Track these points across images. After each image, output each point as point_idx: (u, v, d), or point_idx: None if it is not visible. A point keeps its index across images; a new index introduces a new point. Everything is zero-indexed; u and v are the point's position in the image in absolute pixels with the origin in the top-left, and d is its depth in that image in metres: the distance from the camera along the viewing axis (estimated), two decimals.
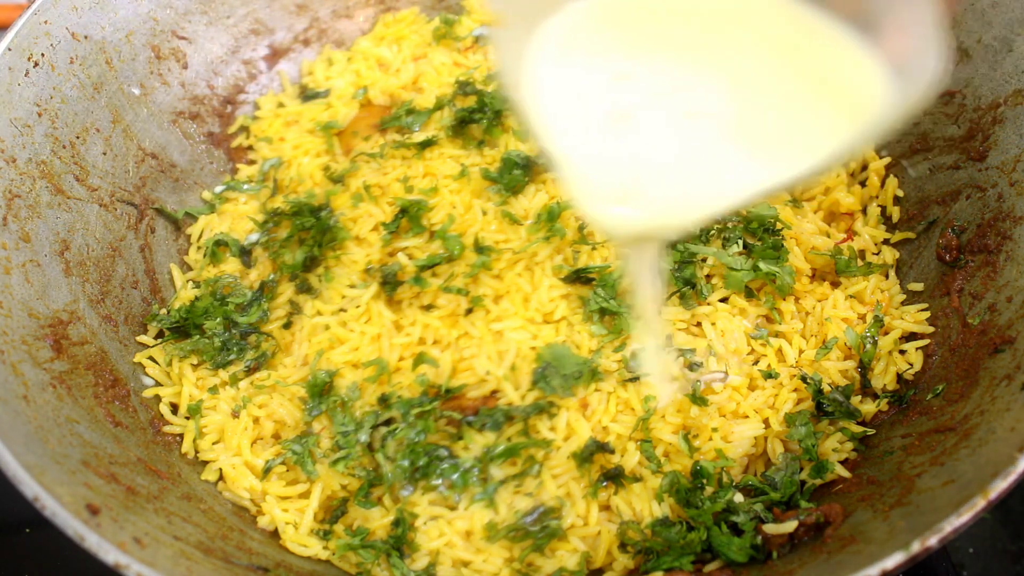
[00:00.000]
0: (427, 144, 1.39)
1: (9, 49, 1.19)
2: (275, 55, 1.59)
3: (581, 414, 1.11)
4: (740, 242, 1.20)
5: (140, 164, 1.37)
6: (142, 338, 1.26)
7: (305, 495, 1.12)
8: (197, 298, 1.28)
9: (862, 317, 1.20)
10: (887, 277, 1.27)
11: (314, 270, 1.29)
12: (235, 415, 1.18)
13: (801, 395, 1.13)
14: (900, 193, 1.33)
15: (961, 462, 0.91)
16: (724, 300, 1.19)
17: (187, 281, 1.34)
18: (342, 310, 1.24)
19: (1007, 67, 1.19)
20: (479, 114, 1.39)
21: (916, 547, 0.79)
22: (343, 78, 1.54)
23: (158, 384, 1.22)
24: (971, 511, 0.80)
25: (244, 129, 1.52)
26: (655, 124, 0.79)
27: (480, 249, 1.23)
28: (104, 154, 1.31)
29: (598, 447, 1.08)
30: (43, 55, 1.23)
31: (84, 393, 1.09)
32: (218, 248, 1.35)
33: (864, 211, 1.34)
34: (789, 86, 0.80)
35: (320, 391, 1.16)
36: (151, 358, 1.24)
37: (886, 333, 1.18)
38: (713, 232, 1.21)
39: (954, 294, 1.17)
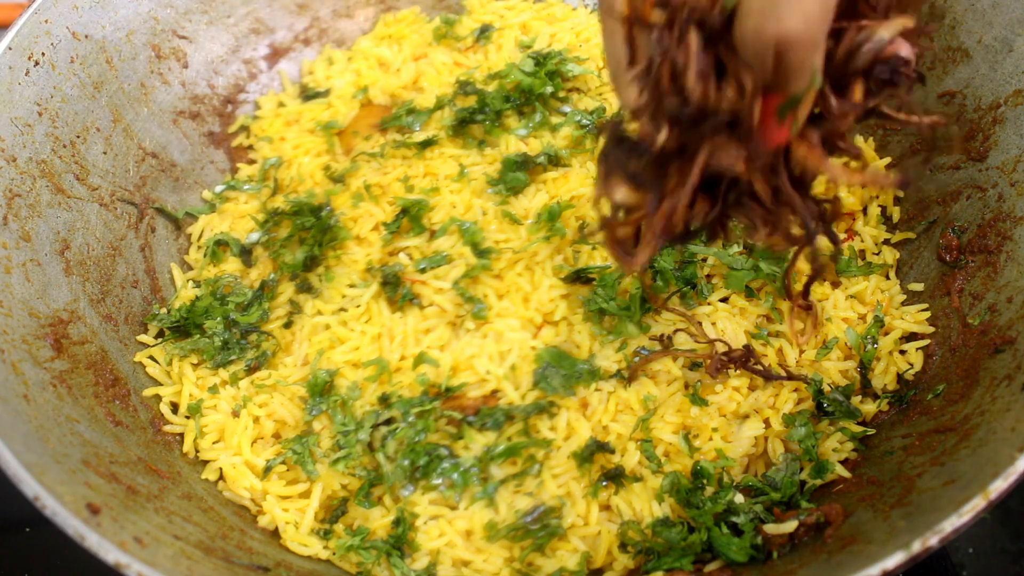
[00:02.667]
0: (427, 144, 1.39)
1: (9, 48, 1.19)
2: (275, 54, 1.59)
3: (581, 414, 1.11)
4: (740, 242, 1.21)
5: (140, 163, 1.37)
6: (142, 337, 1.26)
7: (305, 495, 1.12)
8: (197, 297, 1.28)
9: (862, 317, 1.20)
10: (887, 277, 1.27)
11: (314, 270, 1.29)
12: (235, 415, 1.18)
13: (801, 395, 1.13)
14: (900, 193, 1.33)
15: (961, 462, 0.91)
16: (724, 300, 1.19)
17: (187, 280, 1.34)
18: (342, 310, 1.24)
19: (1007, 67, 1.20)
20: (479, 114, 1.39)
21: (917, 547, 0.79)
22: (343, 78, 1.54)
23: (158, 383, 1.22)
24: (972, 511, 0.80)
25: (244, 128, 1.52)
26: None
27: (480, 252, 1.23)
28: (104, 153, 1.31)
29: (598, 447, 1.08)
30: (43, 54, 1.23)
31: (84, 392, 1.09)
32: (218, 248, 1.35)
33: (864, 211, 1.34)
34: None
35: (320, 391, 1.16)
36: (151, 357, 1.24)
37: (886, 333, 1.19)
38: None
39: (954, 294, 1.17)
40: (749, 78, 0.69)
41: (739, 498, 1.04)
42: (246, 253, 1.34)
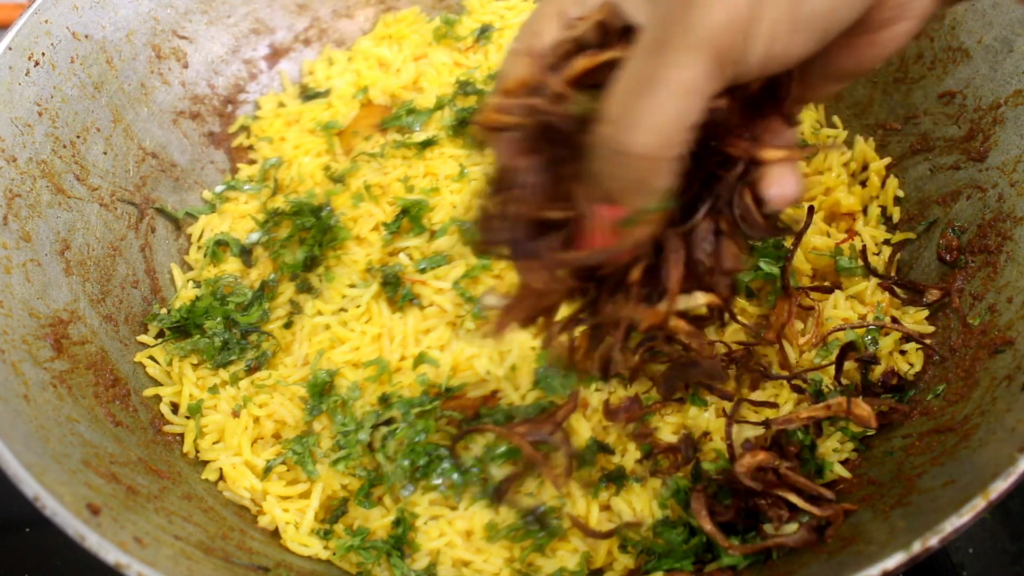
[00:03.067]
0: (427, 144, 1.39)
1: (10, 48, 1.19)
2: (275, 55, 1.59)
3: (581, 414, 1.11)
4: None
5: (140, 163, 1.37)
6: (142, 338, 1.26)
7: (305, 495, 1.12)
8: (198, 298, 1.28)
9: (863, 318, 1.20)
10: (887, 277, 1.26)
11: (314, 270, 1.29)
12: (235, 415, 1.18)
13: (801, 395, 1.13)
14: (900, 193, 1.33)
15: (961, 463, 0.91)
16: None
17: (187, 281, 1.34)
18: (343, 310, 1.24)
19: (1008, 67, 1.20)
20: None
21: (917, 547, 0.79)
22: (343, 78, 1.54)
23: (158, 384, 1.22)
24: (972, 511, 0.80)
25: (244, 129, 1.52)
26: None
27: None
28: (104, 153, 1.31)
29: (599, 447, 1.08)
30: (44, 54, 1.23)
31: (84, 392, 1.09)
32: (219, 248, 1.35)
33: (864, 211, 1.34)
34: None
35: (320, 391, 1.16)
36: (151, 358, 1.24)
37: (886, 334, 1.18)
38: None
39: (954, 294, 1.17)
40: (581, 192, 0.68)
41: None
42: (246, 253, 1.34)
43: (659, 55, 0.62)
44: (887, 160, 1.35)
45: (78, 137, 1.27)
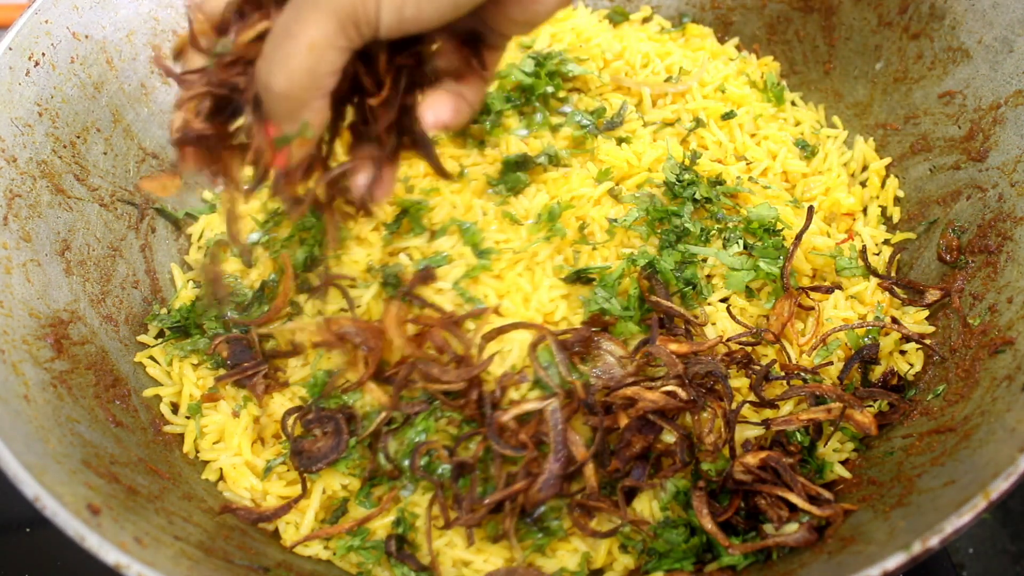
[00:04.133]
0: None
1: (10, 48, 1.19)
2: None
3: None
4: (740, 242, 1.21)
5: (141, 164, 1.37)
6: (142, 338, 1.26)
7: (306, 495, 1.12)
8: (198, 298, 1.28)
9: (863, 318, 1.20)
10: (887, 277, 1.26)
11: (315, 270, 1.29)
12: (235, 415, 1.18)
13: (801, 395, 1.13)
14: (901, 193, 1.33)
15: (962, 463, 0.91)
16: (724, 300, 1.19)
17: (188, 281, 1.34)
18: (343, 310, 1.24)
19: (1008, 67, 1.20)
20: (480, 114, 1.39)
21: (917, 548, 0.79)
22: None
23: (158, 384, 1.22)
24: (972, 511, 0.80)
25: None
26: None
27: (480, 252, 1.23)
28: (105, 154, 1.31)
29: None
30: (44, 54, 1.23)
31: (85, 393, 1.09)
32: (219, 248, 1.34)
33: (864, 211, 1.35)
34: None
35: (320, 391, 1.16)
36: (151, 358, 1.24)
37: (886, 334, 1.19)
38: (713, 232, 1.22)
39: (954, 295, 1.17)
40: (251, 112, 0.86)
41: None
42: (246, 253, 1.34)
43: (298, 12, 0.76)
44: (887, 160, 1.35)
45: (78, 137, 1.27)
